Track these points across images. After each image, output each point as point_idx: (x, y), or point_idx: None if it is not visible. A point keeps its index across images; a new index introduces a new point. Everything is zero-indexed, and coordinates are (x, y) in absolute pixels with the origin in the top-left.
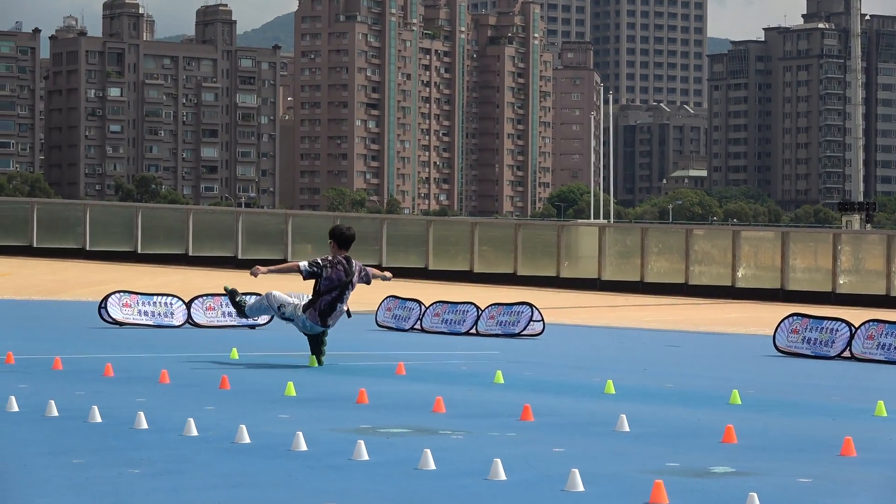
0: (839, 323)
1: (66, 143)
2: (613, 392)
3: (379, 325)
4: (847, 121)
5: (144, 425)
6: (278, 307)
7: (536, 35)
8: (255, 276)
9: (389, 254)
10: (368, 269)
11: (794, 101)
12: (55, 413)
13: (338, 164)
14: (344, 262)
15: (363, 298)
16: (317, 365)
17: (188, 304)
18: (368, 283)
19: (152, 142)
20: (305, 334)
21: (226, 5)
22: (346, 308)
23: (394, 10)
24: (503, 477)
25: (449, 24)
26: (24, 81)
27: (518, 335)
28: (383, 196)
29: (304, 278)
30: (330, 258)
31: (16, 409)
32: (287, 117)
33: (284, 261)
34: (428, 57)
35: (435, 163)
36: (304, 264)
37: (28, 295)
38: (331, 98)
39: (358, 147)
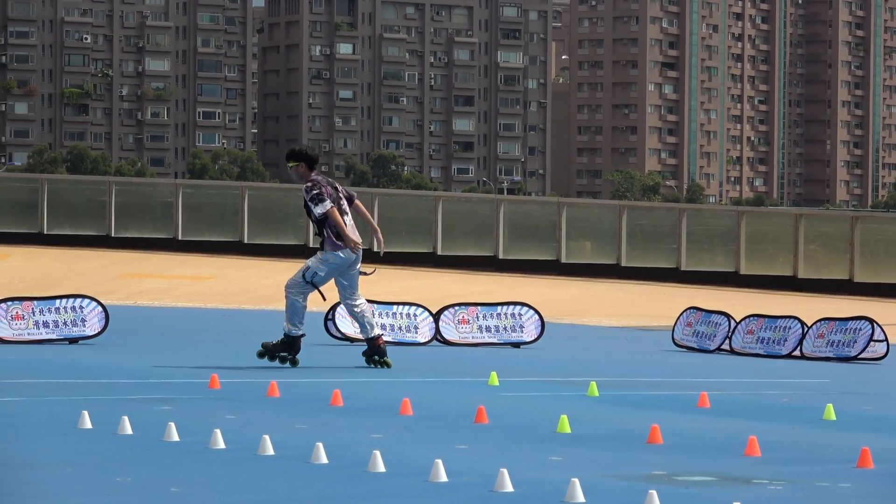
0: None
1: (284, 112)
2: None
3: (677, 345)
4: None
5: (381, 468)
6: (304, 281)
7: None
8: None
9: (690, 254)
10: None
11: None
12: (270, 451)
13: (625, 139)
14: (321, 179)
15: (656, 311)
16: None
17: (436, 317)
18: (350, 204)
19: (392, 112)
20: (342, 279)
21: None
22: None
23: None
24: None
25: None
26: (232, 36)
27: (854, 359)
28: (682, 180)
29: (318, 217)
30: (315, 179)
31: (222, 445)
32: (561, 80)
33: (556, 262)
34: (740, 4)
35: (749, 138)
36: (316, 210)
37: (237, 303)
38: (616, 56)
39: (650, 118)
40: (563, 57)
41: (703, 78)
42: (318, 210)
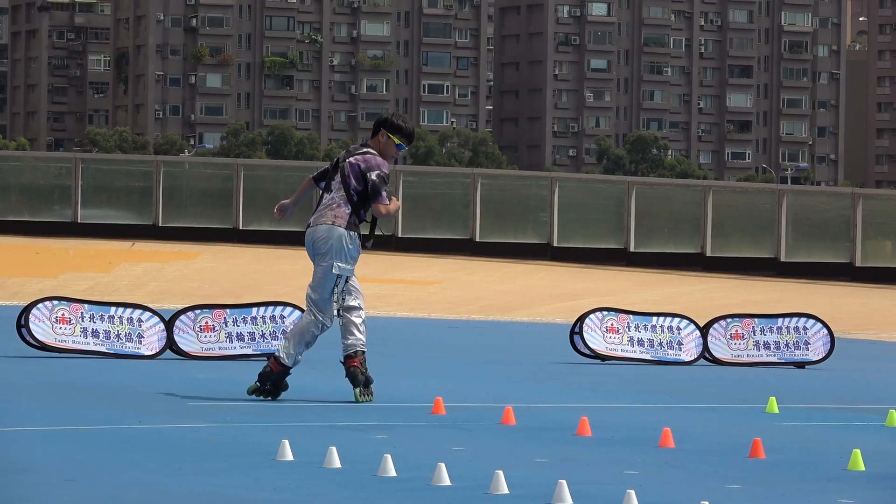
0: None
1: (524, 86)
2: None
3: None
4: None
5: None
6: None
7: None
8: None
9: None
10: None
11: None
12: (504, 489)
13: None
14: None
15: None
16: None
17: (704, 331)
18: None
19: (654, 84)
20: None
21: None
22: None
23: None
24: None
25: None
26: None
27: None
28: None
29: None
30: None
31: (447, 482)
32: (857, 47)
33: (850, 266)
34: None
35: None
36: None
37: (467, 312)
38: None
39: None
40: (861, 18)
41: None
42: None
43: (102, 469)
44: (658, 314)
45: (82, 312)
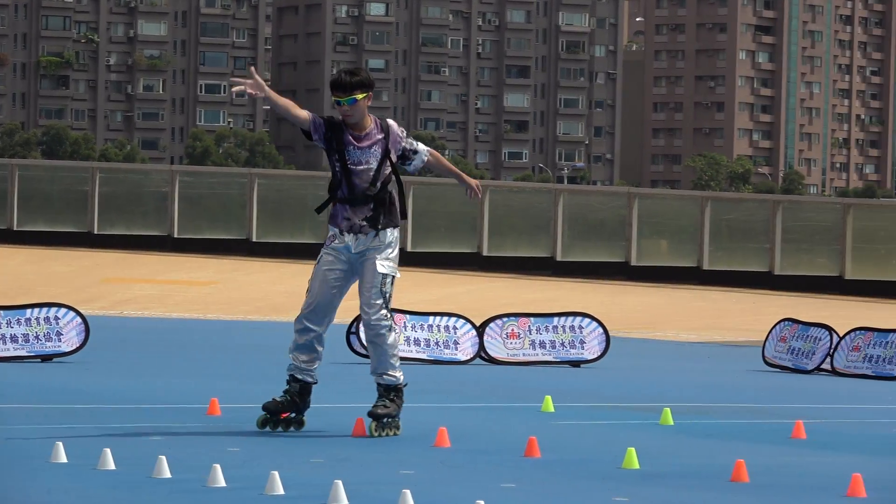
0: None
1: (302, 86)
2: None
3: (768, 364)
4: None
5: None
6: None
7: None
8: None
9: (785, 255)
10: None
11: None
12: (280, 490)
13: (709, 118)
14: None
15: (744, 324)
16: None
17: (480, 330)
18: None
19: (431, 84)
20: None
21: None
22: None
23: None
24: None
25: None
26: None
27: None
28: (778, 167)
29: (416, 169)
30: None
31: (222, 483)
32: (634, 47)
33: (625, 265)
34: None
35: (859, 116)
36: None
37: (244, 313)
38: (700, 18)
39: (741, 93)
40: (638, 19)
41: (804, 44)
42: (423, 157)
43: None
44: (434, 314)
45: None
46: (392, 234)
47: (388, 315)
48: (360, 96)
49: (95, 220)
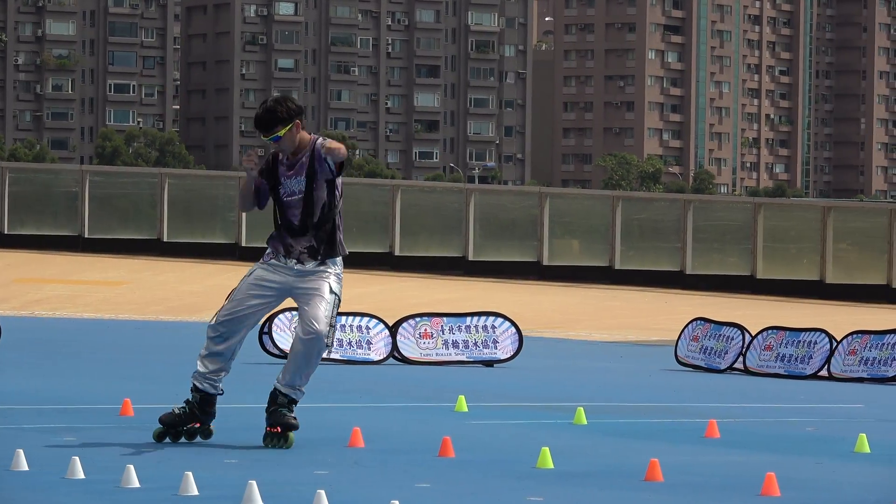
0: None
1: (211, 85)
2: None
3: (681, 363)
4: None
5: None
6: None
7: None
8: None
9: (697, 255)
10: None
11: None
12: (194, 491)
13: (619, 117)
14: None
15: (656, 323)
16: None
17: (392, 330)
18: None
19: (341, 84)
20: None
21: None
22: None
23: None
24: None
25: None
26: None
27: (893, 380)
28: (688, 167)
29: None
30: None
31: (136, 484)
32: (544, 47)
33: (537, 264)
34: None
35: (768, 116)
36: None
37: (154, 313)
38: (609, 17)
39: (651, 93)
40: (547, 19)
41: (713, 44)
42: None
43: None
44: (347, 314)
45: None
46: (337, 262)
47: (332, 333)
48: (282, 132)
49: (6, 221)
